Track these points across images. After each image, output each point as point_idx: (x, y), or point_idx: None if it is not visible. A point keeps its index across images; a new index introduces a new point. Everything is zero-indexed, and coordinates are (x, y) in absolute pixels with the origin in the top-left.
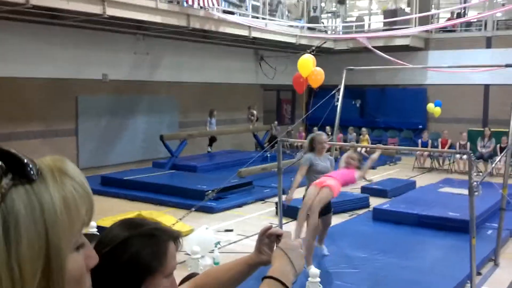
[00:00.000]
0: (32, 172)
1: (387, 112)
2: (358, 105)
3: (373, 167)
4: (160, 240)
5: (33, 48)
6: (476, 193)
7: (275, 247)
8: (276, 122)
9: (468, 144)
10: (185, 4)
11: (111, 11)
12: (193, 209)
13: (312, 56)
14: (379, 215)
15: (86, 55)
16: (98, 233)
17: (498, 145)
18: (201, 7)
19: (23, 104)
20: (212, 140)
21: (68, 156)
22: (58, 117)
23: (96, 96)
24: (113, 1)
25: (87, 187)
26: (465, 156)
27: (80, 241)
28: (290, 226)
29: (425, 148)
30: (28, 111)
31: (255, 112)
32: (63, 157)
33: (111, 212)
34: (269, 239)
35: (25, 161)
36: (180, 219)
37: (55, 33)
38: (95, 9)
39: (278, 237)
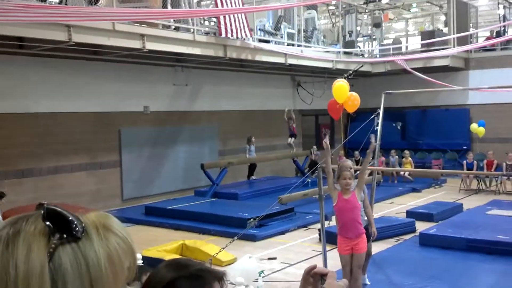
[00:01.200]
0: (78, 230)
1: (430, 133)
2: (399, 127)
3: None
4: (206, 281)
5: (77, 84)
6: None
7: (320, 287)
8: (315, 147)
9: None
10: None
11: (150, 45)
12: (236, 238)
13: (346, 81)
14: (426, 240)
15: (128, 88)
16: (143, 265)
17: None
18: (236, 38)
19: (67, 138)
20: (252, 167)
21: (112, 187)
22: (101, 150)
23: (138, 127)
24: (152, 36)
25: (130, 242)
26: None
27: None
28: (334, 253)
29: (470, 171)
30: (72, 144)
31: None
32: (107, 213)
33: (155, 242)
34: (314, 278)
35: (72, 219)
36: (223, 248)
37: (97, 68)
38: (135, 44)
39: (323, 276)
